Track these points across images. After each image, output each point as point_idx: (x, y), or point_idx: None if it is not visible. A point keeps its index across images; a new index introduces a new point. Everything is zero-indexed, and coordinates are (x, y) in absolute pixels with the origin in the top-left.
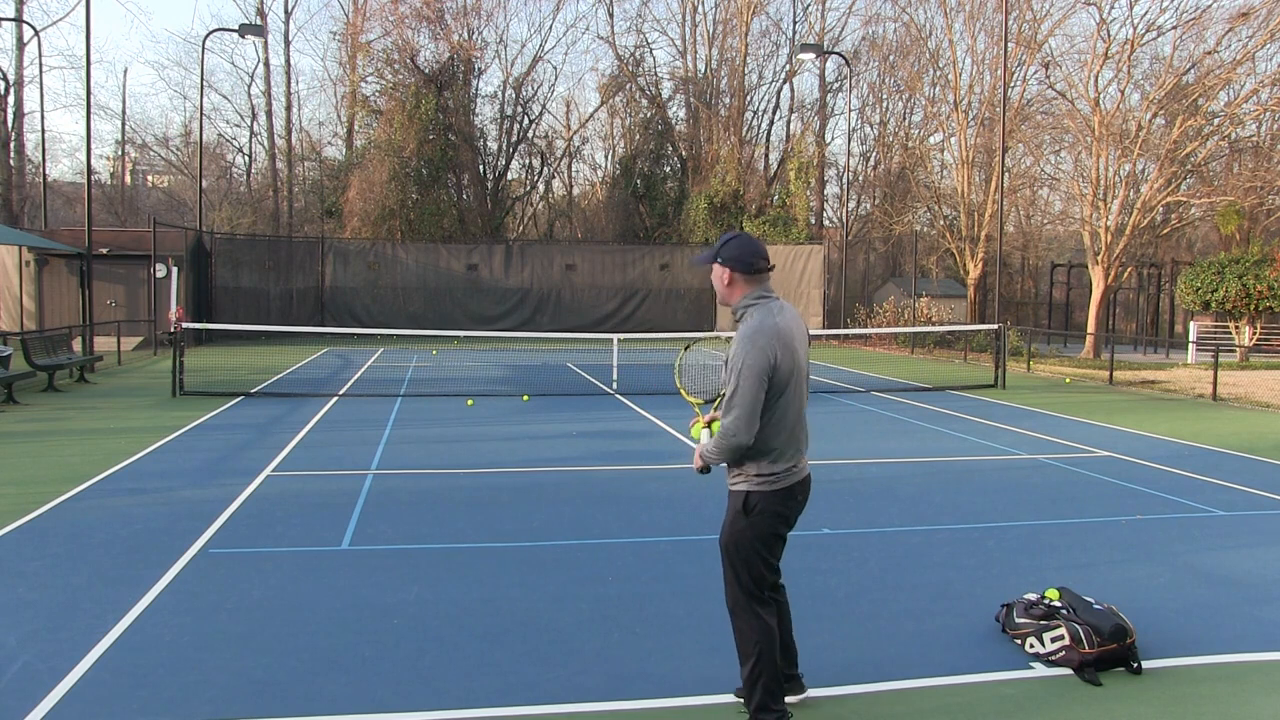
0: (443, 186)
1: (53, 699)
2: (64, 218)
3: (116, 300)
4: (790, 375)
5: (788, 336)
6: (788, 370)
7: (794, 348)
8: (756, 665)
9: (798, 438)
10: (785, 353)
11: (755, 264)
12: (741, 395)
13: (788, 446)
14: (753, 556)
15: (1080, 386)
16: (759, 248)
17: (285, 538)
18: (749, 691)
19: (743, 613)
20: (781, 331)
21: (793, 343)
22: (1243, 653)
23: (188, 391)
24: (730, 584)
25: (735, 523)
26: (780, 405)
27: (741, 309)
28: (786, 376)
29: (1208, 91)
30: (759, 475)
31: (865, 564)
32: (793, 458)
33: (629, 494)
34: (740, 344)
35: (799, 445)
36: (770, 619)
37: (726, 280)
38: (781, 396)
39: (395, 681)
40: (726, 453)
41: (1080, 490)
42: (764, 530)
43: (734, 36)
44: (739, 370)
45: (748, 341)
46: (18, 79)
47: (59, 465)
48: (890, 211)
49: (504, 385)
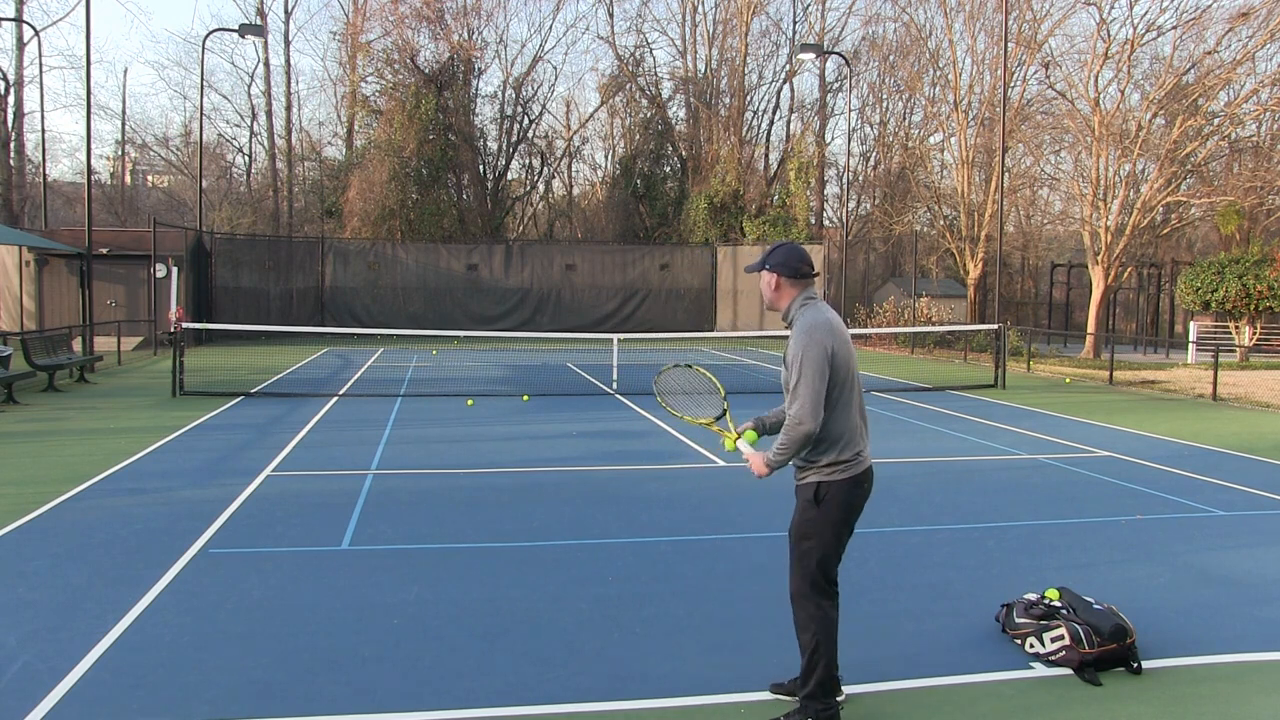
0: (443, 186)
1: (53, 699)
2: (64, 218)
3: (116, 300)
4: (847, 365)
5: (840, 330)
6: (844, 360)
7: (847, 340)
8: (814, 655)
9: (860, 427)
10: (840, 344)
11: (800, 269)
12: (805, 384)
13: (853, 435)
14: (822, 546)
15: (1080, 386)
16: (804, 254)
17: (285, 538)
18: (804, 680)
19: (805, 603)
20: (834, 325)
21: (845, 335)
22: (1243, 653)
23: (188, 391)
24: (795, 574)
25: (805, 512)
26: (842, 395)
27: (792, 311)
28: (844, 366)
29: (1208, 91)
30: (829, 465)
31: (865, 564)
32: (858, 445)
33: (629, 494)
34: (798, 339)
35: (862, 434)
36: (832, 611)
37: (774, 285)
38: (842, 386)
39: (395, 681)
40: (796, 444)
41: (1080, 490)
42: (834, 519)
43: (734, 36)
44: (800, 363)
45: (805, 335)
46: (18, 79)
47: (59, 465)
48: (890, 211)
49: (504, 385)
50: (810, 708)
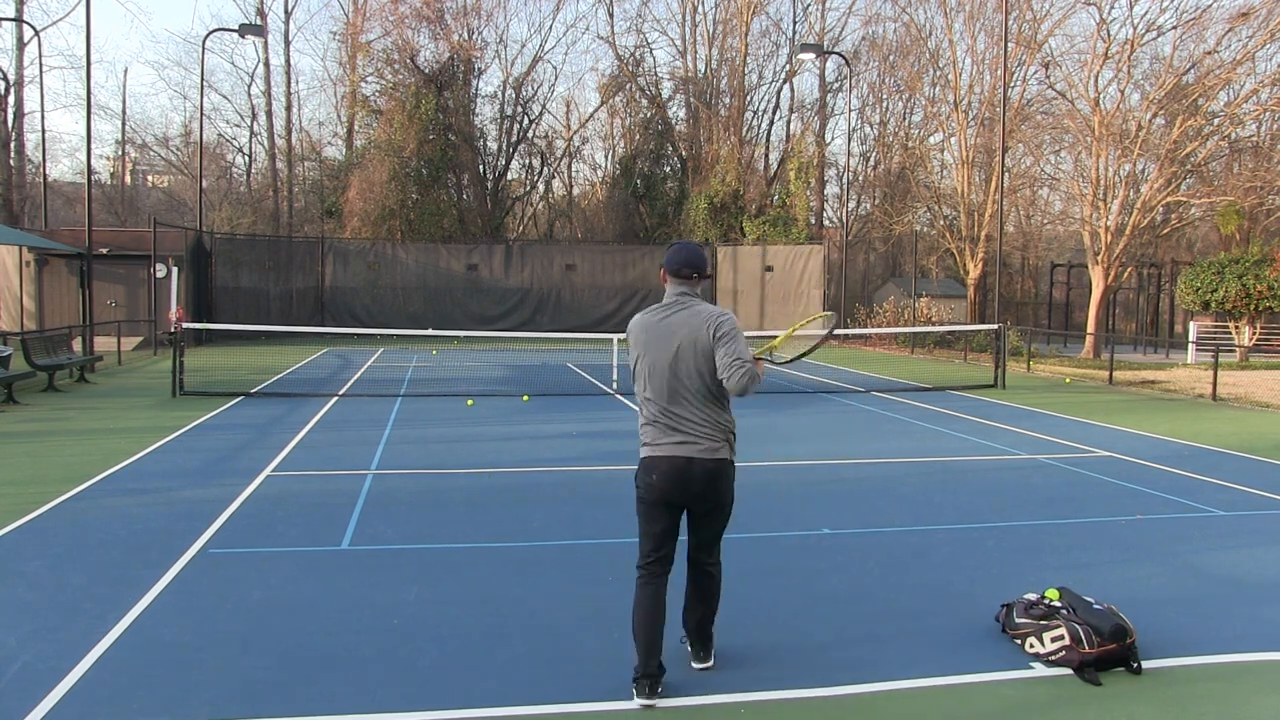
0: (443, 186)
1: (53, 699)
2: (64, 218)
3: (116, 300)
4: (642, 359)
5: (649, 327)
6: (642, 353)
7: (657, 336)
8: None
9: (657, 418)
10: (645, 339)
11: (680, 270)
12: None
13: (648, 423)
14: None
15: (1080, 386)
16: (689, 256)
17: (285, 538)
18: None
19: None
20: (644, 323)
21: (657, 332)
22: (1242, 653)
23: (188, 391)
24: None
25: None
26: (645, 386)
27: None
28: (641, 359)
29: (1208, 91)
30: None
31: (865, 564)
32: (650, 434)
33: (629, 494)
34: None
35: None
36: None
37: (661, 278)
38: (641, 377)
39: (395, 681)
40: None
41: (1080, 490)
42: (637, 496)
43: (734, 36)
44: None
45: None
46: (18, 79)
47: (59, 465)
48: (890, 211)
49: (504, 385)
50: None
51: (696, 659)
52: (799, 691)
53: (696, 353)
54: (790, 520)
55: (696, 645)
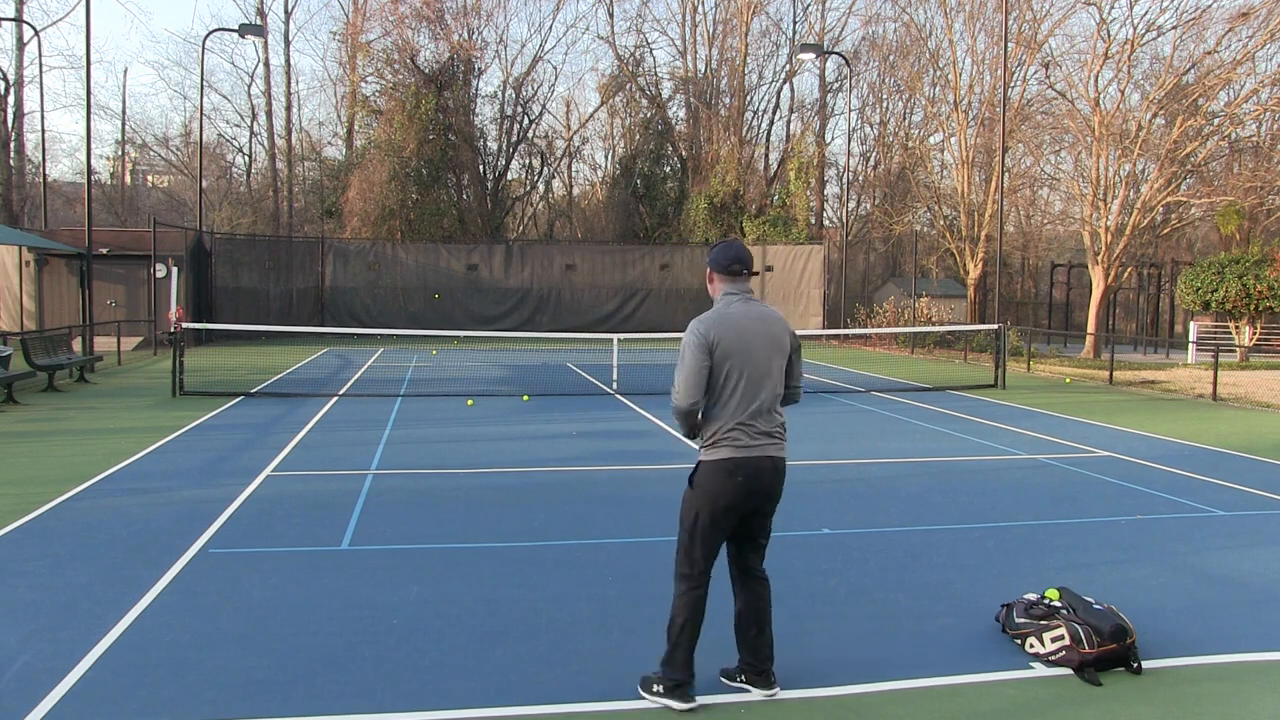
0: (443, 186)
1: (53, 699)
2: (64, 218)
3: (116, 300)
4: (729, 356)
5: (735, 322)
6: (730, 350)
7: (744, 331)
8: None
9: (739, 416)
10: (729, 335)
11: (730, 266)
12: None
13: (726, 422)
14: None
15: (1080, 386)
16: (737, 253)
17: (285, 538)
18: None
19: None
20: (728, 317)
21: (742, 328)
22: (1243, 653)
23: (188, 391)
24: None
25: (685, 493)
26: (727, 383)
27: (716, 303)
28: (726, 356)
29: (1208, 91)
30: (704, 447)
31: (865, 564)
32: (734, 433)
33: (629, 494)
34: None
35: (744, 424)
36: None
37: (709, 279)
38: (727, 375)
39: (395, 681)
40: (676, 415)
41: (1080, 490)
42: (699, 502)
43: (734, 36)
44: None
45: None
46: (18, 79)
47: (59, 465)
48: (890, 211)
49: (504, 385)
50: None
51: (766, 685)
52: (799, 691)
53: (776, 355)
54: (790, 520)
55: (766, 667)
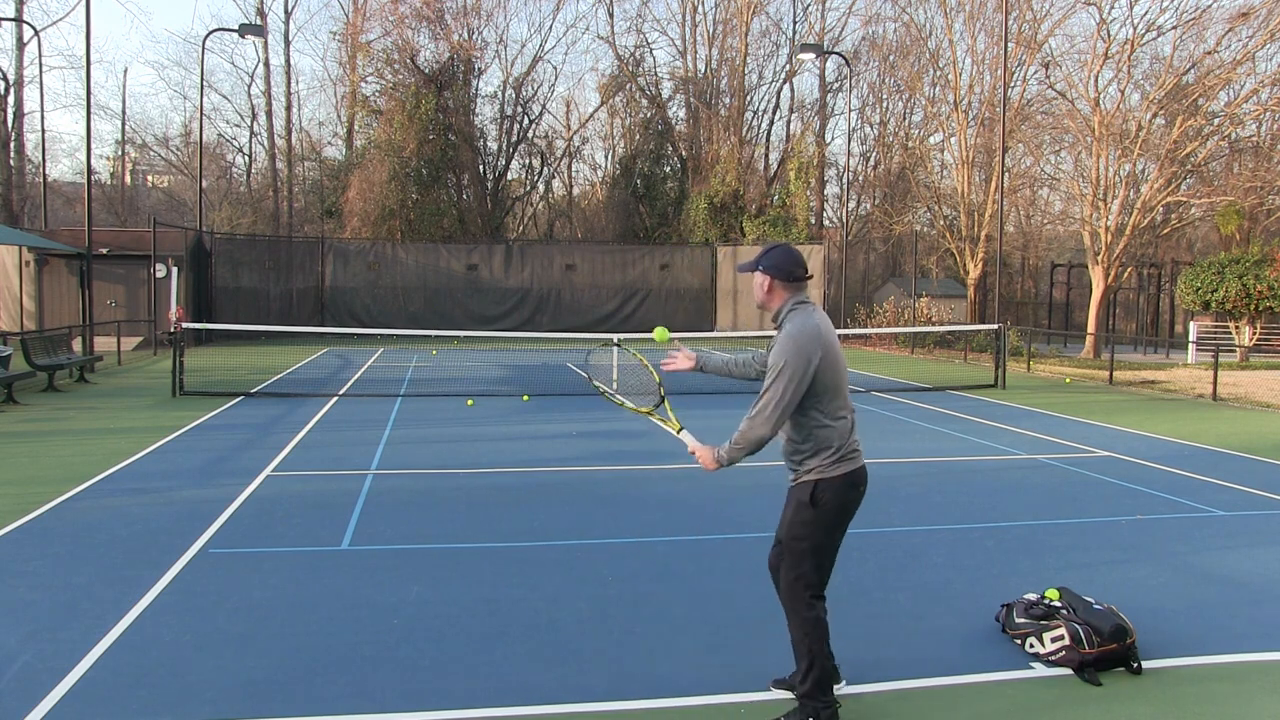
0: (443, 186)
1: (53, 699)
2: (64, 218)
3: (116, 300)
4: (834, 370)
5: (828, 336)
6: (832, 365)
7: (834, 344)
8: (810, 656)
9: (853, 426)
10: (828, 351)
11: (794, 272)
12: (774, 392)
13: (846, 435)
14: (815, 546)
15: (1080, 386)
16: (798, 257)
17: (285, 538)
18: (802, 679)
19: (798, 603)
20: (822, 332)
21: (833, 340)
22: (1243, 653)
23: (188, 391)
24: (789, 574)
25: (800, 513)
26: (835, 400)
27: (783, 314)
28: (832, 372)
29: (1208, 91)
30: (824, 464)
31: (865, 564)
32: (854, 445)
33: (629, 494)
34: (783, 344)
35: (854, 433)
36: (822, 611)
37: (767, 287)
38: (834, 392)
39: (395, 681)
40: (749, 446)
41: (1080, 490)
42: (828, 520)
43: (734, 36)
44: (778, 369)
45: (791, 343)
46: (18, 79)
47: (59, 465)
48: (890, 211)
49: (504, 385)
50: (809, 706)
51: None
52: None
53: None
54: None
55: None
